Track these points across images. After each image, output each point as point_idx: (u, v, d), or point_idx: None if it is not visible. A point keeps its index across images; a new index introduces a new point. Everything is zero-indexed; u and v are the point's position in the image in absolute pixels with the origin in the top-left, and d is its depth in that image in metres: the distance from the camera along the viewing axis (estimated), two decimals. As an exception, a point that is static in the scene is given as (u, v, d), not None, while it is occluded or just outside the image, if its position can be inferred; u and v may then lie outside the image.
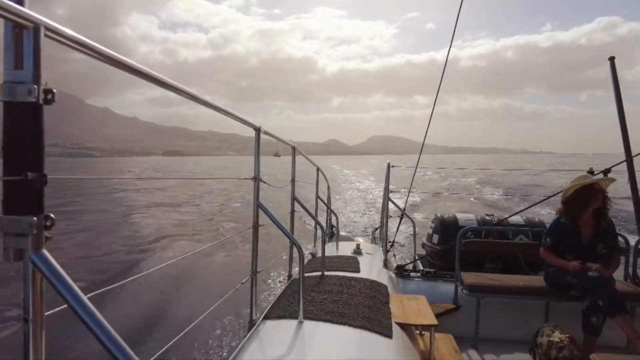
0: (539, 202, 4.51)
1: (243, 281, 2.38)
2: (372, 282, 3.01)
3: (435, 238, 4.89)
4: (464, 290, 3.51)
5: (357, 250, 4.01)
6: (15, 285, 6.39)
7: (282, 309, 2.37)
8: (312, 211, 3.93)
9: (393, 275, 4.00)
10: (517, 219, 4.69)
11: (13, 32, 0.75)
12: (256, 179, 2.28)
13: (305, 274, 3.14)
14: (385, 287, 3.01)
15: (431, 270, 4.33)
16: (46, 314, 0.83)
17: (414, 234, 5.09)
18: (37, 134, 0.78)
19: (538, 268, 3.95)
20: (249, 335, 2.07)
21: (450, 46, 4.25)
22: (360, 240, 5.23)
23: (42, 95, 0.77)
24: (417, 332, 2.73)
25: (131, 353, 0.80)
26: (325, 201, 5.03)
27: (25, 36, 0.76)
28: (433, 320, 2.55)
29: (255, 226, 2.33)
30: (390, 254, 4.52)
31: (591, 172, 3.60)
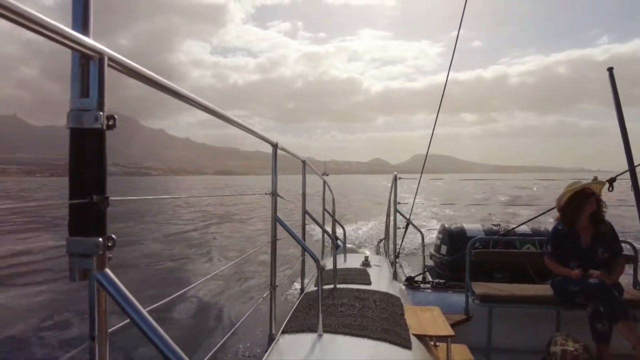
0: (545, 212, 4.44)
1: (264, 295, 2.35)
2: (385, 294, 3.00)
3: (444, 249, 4.87)
4: (475, 301, 3.50)
5: (366, 262, 3.96)
6: (72, 305, 6.49)
7: (300, 323, 2.39)
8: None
9: (403, 287, 3.98)
10: (524, 228, 4.70)
11: (80, 63, 0.80)
12: (274, 194, 2.28)
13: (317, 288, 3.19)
14: (399, 298, 2.97)
15: (441, 281, 4.33)
16: (110, 330, 0.88)
17: (423, 245, 4.98)
18: (101, 158, 0.81)
19: (546, 277, 3.84)
20: (270, 350, 2.08)
21: (450, 66, 4.53)
22: (366, 252, 4.99)
23: (105, 122, 0.80)
24: (432, 343, 2.67)
25: None
26: (332, 213, 5.02)
27: (91, 66, 0.80)
28: (449, 331, 2.54)
29: (274, 241, 2.34)
30: (397, 265, 4.46)
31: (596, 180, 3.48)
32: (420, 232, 5.07)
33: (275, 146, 2.31)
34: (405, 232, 5.11)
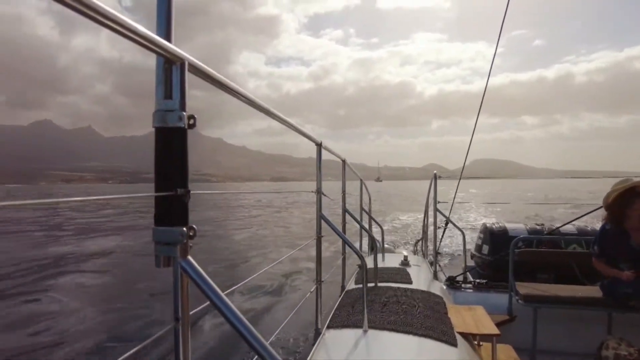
0: (592, 212, 4.33)
1: (311, 290, 2.42)
2: (427, 292, 3.03)
3: (485, 249, 4.75)
4: (519, 301, 3.44)
5: (405, 262, 4.01)
6: (157, 289, 6.97)
7: (345, 319, 2.45)
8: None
9: (444, 287, 3.97)
10: (569, 227, 4.54)
11: (164, 67, 0.87)
12: (318, 192, 2.34)
13: (358, 286, 3.31)
14: (441, 297, 3.00)
15: (483, 281, 4.27)
16: (191, 312, 0.96)
17: (464, 245, 4.89)
18: (184, 154, 0.88)
19: (594, 278, 3.67)
20: (317, 344, 2.14)
21: (490, 70, 4.46)
22: (403, 251, 5.04)
23: (187, 121, 0.88)
24: (476, 342, 2.67)
25: (269, 347, 0.90)
26: (369, 213, 5.02)
27: (174, 70, 0.87)
28: (494, 330, 2.53)
29: (319, 237, 2.40)
30: (437, 265, 4.43)
31: None
32: (462, 231, 4.99)
33: (319, 145, 2.38)
34: (444, 231, 5.05)
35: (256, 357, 0.91)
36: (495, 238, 4.67)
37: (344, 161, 3.27)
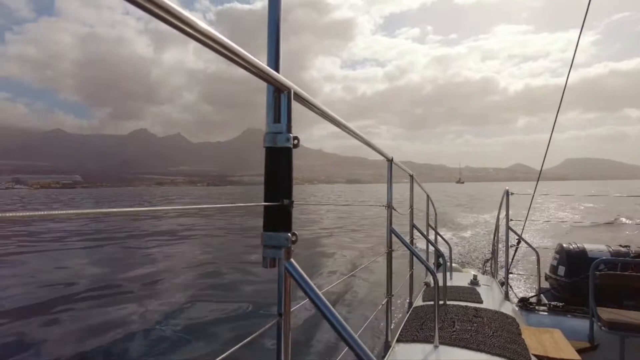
0: None
1: (382, 303, 2.46)
2: (499, 313, 2.99)
3: (561, 270, 4.48)
4: (602, 328, 3.19)
5: (474, 281, 4.01)
6: (259, 288, 7.62)
7: (414, 333, 2.49)
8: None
9: (516, 308, 3.85)
10: None
11: (273, 95, 1.00)
12: (389, 206, 2.37)
13: (426, 302, 3.31)
14: (513, 318, 2.93)
15: (560, 304, 4.02)
16: (292, 309, 1.06)
17: (538, 265, 4.57)
18: (289, 170, 1.01)
19: None
20: (387, 357, 2.19)
21: (573, 61, 4.10)
22: (472, 271, 4.97)
23: (292, 142, 1.01)
24: None
25: (361, 343, 0.97)
26: (435, 228, 4.96)
27: (282, 98, 1.00)
28: (575, 356, 2.41)
29: (389, 252, 2.42)
30: (508, 285, 4.25)
31: None
32: (535, 251, 4.71)
33: (390, 161, 2.42)
34: (516, 250, 4.86)
35: (347, 348, 1.00)
36: (572, 259, 4.42)
37: (412, 176, 3.26)
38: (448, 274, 4.27)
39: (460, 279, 4.29)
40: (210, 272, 9.38)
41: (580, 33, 4.21)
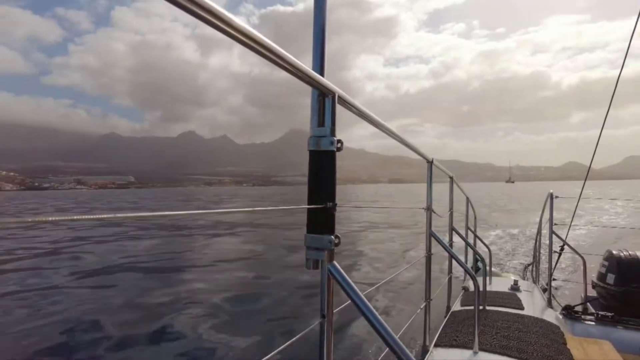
0: None
1: (421, 307, 2.46)
2: (542, 320, 2.93)
3: (610, 278, 4.26)
4: None
5: (515, 287, 3.96)
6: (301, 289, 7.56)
7: (453, 338, 2.45)
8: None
9: (560, 316, 3.68)
10: None
11: (318, 99, 1.01)
12: (428, 209, 2.33)
13: (465, 307, 3.25)
14: (557, 327, 2.86)
15: (609, 314, 3.79)
16: (335, 310, 1.07)
17: (584, 272, 4.28)
18: (333, 173, 1.01)
19: None
20: None
21: (628, 51, 4.10)
22: (512, 276, 4.84)
23: (336, 145, 1.01)
24: None
25: (403, 345, 0.98)
26: (474, 231, 4.87)
27: (326, 102, 1.01)
28: None
29: (428, 255, 2.39)
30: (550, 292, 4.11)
31: None
32: (582, 257, 4.45)
33: (430, 162, 2.39)
34: (560, 256, 4.74)
35: (387, 349, 1.00)
36: (623, 267, 4.19)
37: (451, 178, 3.24)
38: (487, 278, 4.18)
39: (499, 284, 4.24)
40: (253, 272, 9.60)
41: (638, 18, 3.93)
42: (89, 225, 20.59)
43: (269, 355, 1.04)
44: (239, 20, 0.66)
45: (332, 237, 1.00)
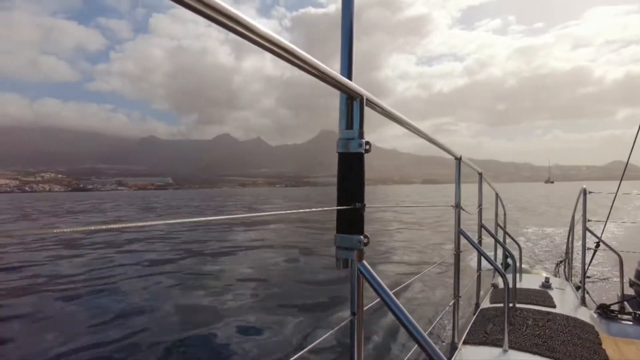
0: None
1: (449, 304, 2.44)
2: (575, 319, 2.88)
3: None
4: None
5: (546, 284, 3.91)
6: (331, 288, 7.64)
7: (481, 336, 2.43)
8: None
9: (595, 315, 3.53)
10: None
11: (346, 102, 1.03)
12: (457, 206, 2.32)
13: (494, 304, 3.25)
14: (592, 326, 2.80)
15: None
16: (365, 308, 1.08)
17: (621, 270, 4.10)
18: (361, 175, 1.03)
19: None
20: (454, 358, 2.16)
21: None
22: (543, 273, 4.80)
23: (365, 147, 1.03)
24: None
25: (432, 343, 0.99)
26: (504, 228, 4.76)
27: (354, 105, 1.03)
28: None
29: (457, 253, 2.37)
30: (585, 290, 3.93)
31: None
32: (618, 254, 4.30)
33: (458, 159, 2.36)
34: (594, 253, 4.60)
35: (416, 346, 1.02)
36: None
37: (480, 174, 3.23)
38: (517, 275, 4.12)
39: (530, 281, 4.15)
40: (285, 269, 9.68)
41: None
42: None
43: (302, 352, 1.07)
44: (264, 28, 0.67)
45: (362, 237, 1.02)
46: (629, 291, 4.36)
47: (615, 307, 3.81)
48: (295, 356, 1.04)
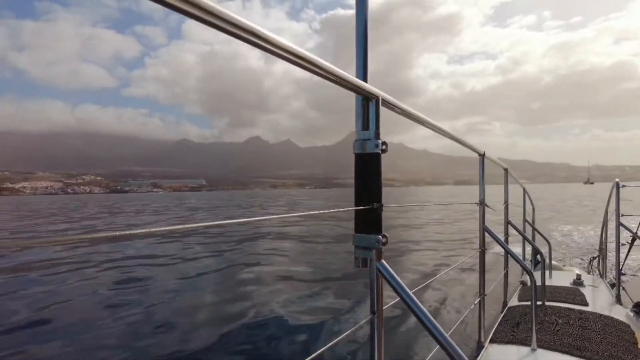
0: None
1: (475, 302, 2.41)
2: (609, 318, 2.77)
3: None
4: None
5: (578, 281, 3.79)
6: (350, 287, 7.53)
7: (508, 335, 2.39)
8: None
9: (631, 314, 3.29)
10: None
11: (362, 104, 1.05)
12: (482, 203, 2.31)
13: (522, 302, 3.16)
14: (628, 325, 2.67)
15: None
16: (384, 307, 1.09)
17: None
18: (378, 175, 1.04)
19: None
20: (480, 357, 2.13)
21: None
22: (575, 269, 4.57)
23: (381, 147, 1.04)
24: None
25: (452, 342, 0.98)
26: (532, 224, 4.70)
27: (370, 106, 1.04)
28: None
29: (482, 250, 2.35)
30: (621, 287, 3.68)
31: None
32: None
33: (482, 155, 2.40)
34: (630, 249, 4.40)
35: (438, 347, 1.01)
36: None
37: (506, 170, 3.19)
38: (547, 272, 4.06)
39: (561, 278, 4.02)
40: (304, 269, 9.65)
41: None
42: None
43: (322, 350, 1.08)
44: (277, 37, 0.69)
45: (380, 236, 1.03)
46: None
47: None
48: (315, 353, 1.05)
